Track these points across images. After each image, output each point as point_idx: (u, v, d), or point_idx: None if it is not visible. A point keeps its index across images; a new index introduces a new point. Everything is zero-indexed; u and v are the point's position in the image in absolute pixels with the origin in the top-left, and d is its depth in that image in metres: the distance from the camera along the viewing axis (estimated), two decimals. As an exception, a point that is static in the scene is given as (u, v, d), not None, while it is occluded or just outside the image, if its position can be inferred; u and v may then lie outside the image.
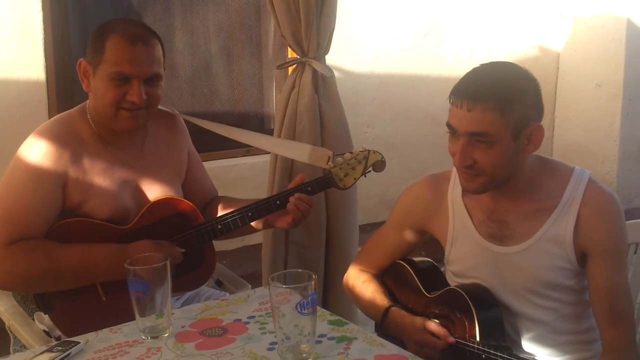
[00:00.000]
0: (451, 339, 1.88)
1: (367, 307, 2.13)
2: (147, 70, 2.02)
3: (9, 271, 1.96)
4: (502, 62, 1.88)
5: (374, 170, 2.28)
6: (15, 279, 1.98)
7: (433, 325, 1.92)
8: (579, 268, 1.87)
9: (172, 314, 1.79)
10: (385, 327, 2.03)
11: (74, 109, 2.16)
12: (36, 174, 2.00)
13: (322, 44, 2.92)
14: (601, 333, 1.86)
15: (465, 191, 1.92)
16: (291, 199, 2.16)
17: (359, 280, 2.16)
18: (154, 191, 2.18)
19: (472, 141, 1.77)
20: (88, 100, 2.13)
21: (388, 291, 2.13)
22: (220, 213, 2.28)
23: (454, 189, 2.01)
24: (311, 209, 2.20)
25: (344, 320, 1.80)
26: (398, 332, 1.97)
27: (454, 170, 1.98)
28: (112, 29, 2.02)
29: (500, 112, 1.73)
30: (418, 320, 1.96)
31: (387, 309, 2.03)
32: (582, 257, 1.86)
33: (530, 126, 1.80)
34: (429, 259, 2.17)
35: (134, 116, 2.05)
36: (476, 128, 1.75)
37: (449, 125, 1.82)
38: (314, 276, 1.53)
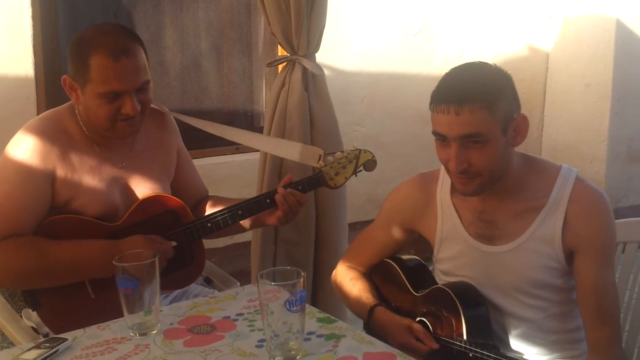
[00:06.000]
0: (434, 345, 1.88)
1: (354, 305, 2.13)
2: (136, 82, 2.01)
3: (0, 267, 1.96)
4: (474, 62, 1.87)
5: (365, 169, 2.28)
6: (6, 275, 1.99)
7: (418, 328, 1.92)
8: (567, 267, 1.88)
9: (161, 311, 1.78)
10: (370, 326, 2.04)
11: (63, 106, 2.15)
12: (25, 170, 1.99)
13: (313, 42, 2.92)
14: (587, 332, 1.86)
15: (463, 195, 1.91)
16: (280, 190, 2.16)
17: (347, 278, 2.16)
18: (142, 189, 2.18)
19: (465, 144, 1.77)
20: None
21: (376, 289, 2.13)
22: (209, 212, 2.28)
23: (443, 188, 2.02)
24: (302, 207, 2.20)
25: (332, 317, 1.81)
26: (383, 332, 1.97)
27: (443, 169, 1.99)
28: (92, 45, 1.98)
29: (487, 109, 1.74)
30: (403, 321, 1.96)
31: (373, 308, 2.04)
32: (571, 256, 1.87)
33: (515, 118, 1.82)
34: (417, 257, 2.18)
35: (131, 124, 2.05)
36: (468, 130, 1.75)
37: (436, 133, 1.81)
38: (302, 274, 1.54)
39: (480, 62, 1.87)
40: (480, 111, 1.73)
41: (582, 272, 1.84)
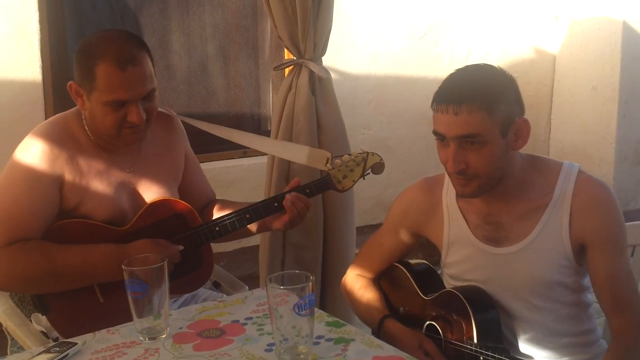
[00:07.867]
0: None
1: (364, 314, 2.14)
2: (142, 91, 2.00)
3: (8, 272, 1.97)
4: (477, 64, 1.90)
5: (373, 172, 2.27)
6: (14, 279, 1.99)
7: (429, 346, 1.91)
8: (577, 265, 1.87)
9: (170, 315, 1.79)
10: (380, 337, 2.03)
11: (70, 111, 2.15)
12: (33, 175, 2.00)
13: (319, 45, 2.93)
14: (608, 321, 1.87)
15: (461, 196, 1.91)
16: (288, 196, 2.16)
17: (356, 286, 2.16)
18: (150, 194, 2.18)
19: (463, 145, 1.77)
20: None
21: (385, 295, 2.13)
22: (216, 215, 2.27)
23: (448, 192, 2.02)
24: (308, 211, 2.20)
25: (341, 321, 1.80)
26: (392, 344, 1.97)
27: (447, 173, 1.99)
28: (98, 53, 1.97)
29: (486, 111, 1.74)
30: (414, 337, 1.95)
31: (383, 319, 2.03)
32: (580, 252, 1.86)
33: (516, 121, 1.82)
34: (425, 261, 2.17)
35: (137, 132, 2.06)
36: (466, 130, 1.75)
37: (436, 132, 1.82)
38: (311, 277, 1.53)
39: (484, 64, 1.89)
40: (478, 112, 1.74)
41: (595, 264, 1.84)
